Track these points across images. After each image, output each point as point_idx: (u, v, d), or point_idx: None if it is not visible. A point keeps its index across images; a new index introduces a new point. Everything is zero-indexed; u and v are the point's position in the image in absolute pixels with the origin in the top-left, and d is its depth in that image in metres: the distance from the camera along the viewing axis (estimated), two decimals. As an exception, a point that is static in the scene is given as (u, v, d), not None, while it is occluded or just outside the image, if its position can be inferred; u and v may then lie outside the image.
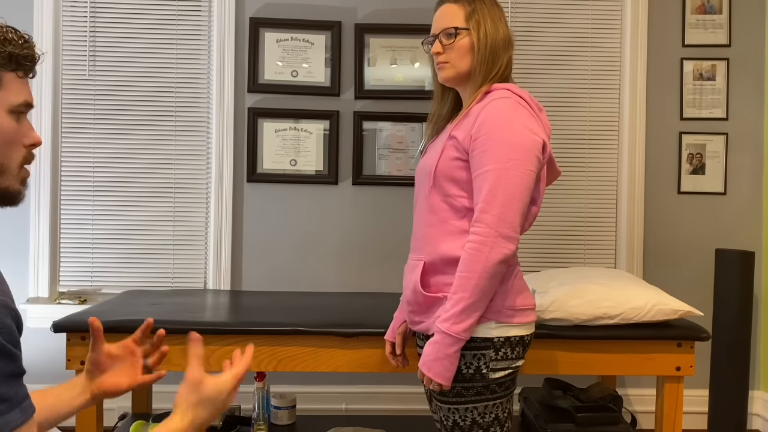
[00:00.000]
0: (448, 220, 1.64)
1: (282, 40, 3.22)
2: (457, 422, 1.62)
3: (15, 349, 0.94)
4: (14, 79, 1.06)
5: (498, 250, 1.52)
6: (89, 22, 3.19)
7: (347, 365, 2.14)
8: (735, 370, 3.01)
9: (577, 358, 2.16)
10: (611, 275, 2.42)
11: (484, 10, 1.67)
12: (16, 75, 1.06)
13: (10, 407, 0.93)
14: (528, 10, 3.28)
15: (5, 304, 0.93)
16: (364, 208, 3.26)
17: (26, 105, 1.08)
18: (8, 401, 0.93)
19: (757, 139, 3.32)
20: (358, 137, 3.22)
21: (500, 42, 1.67)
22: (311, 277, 3.26)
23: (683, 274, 3.32)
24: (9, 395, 0.93)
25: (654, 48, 3.29)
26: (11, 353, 0.93)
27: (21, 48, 1.05)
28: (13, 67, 1.05)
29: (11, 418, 0.92)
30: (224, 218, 3.21)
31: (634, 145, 3.28)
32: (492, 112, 1.57)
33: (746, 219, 3.32)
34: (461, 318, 1.53)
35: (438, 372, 1.55)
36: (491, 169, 1.54)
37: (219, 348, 2.12)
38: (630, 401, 3.29)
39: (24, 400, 0.96)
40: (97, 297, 3.20)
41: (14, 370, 0.94)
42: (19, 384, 0.95)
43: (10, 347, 0.92)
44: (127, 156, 3.21)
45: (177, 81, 3.22)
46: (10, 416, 0.92)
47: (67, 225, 3.20)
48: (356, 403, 3.25)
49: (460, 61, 1.67)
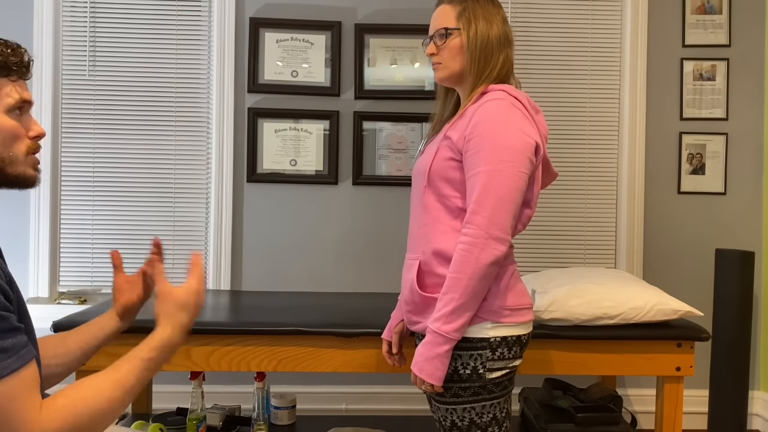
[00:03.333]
0: (442, 219, 1.64)
1: (282, 40, 3.22)
2: (455, 422, 1.62)
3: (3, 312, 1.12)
4: (7, 83, 1.22)
5: (488, 251, 1.52)
6: (89, 22, 3.19)
7: (347, 365, 2.14)
8: (735, 370, 3.01)
9: (577, 358, 2.16)
10: (611, 275, 2.42)
11: (476, 9, 1.66)
12: (8, 79, 1.22)
13: (7, 356, 1.11)
14: (528, 11, 3.28)
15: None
16: (364, 208, 3.26)
17: (23, 102, 1.24)
18: (5, 351, 1.11)
19: (757, 139, 3.32)
20: (358, 137, 3.22)
21: (493, 41, 1.66)
22: (311, 277, 3.26)
23: (683, 274, 3.32)
24: (5, 346, 1.11)
25: (654, 48, 3.29)
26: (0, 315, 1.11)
27: (7, 56, 1.21)
28: (4, 73, 1.21)
29: (7, 363, 1.10)
30: (224, 218, 3.21)
31: (634, 146, 3.28)
32: (485, 114, 1.57)
33: (746, 219, 3.32)
34: (451, 318, 1.53)
35: (429, 372, 1.55)
36: (483, 170, 1.54)
37: (219, 348, 2.12)
38: (630, 401, 3.29)
39: (22, 348, 1.14)
40: (97, 297, 3.21)
41: (6, 326, 1.12)
42: (13, 336, 1.13)
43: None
44: (127, 156, 3.22)
45: (177, 81, 3.23)
46: (8, 362, 1.10)
47: (67, 225, 3.20)
48: (356, 403, 3.25)
49: (452, 61, 1.68)
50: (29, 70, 1.26)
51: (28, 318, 1.25)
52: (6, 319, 1.13)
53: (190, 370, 2.19)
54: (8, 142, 1.22)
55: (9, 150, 1.23)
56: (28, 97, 1.25)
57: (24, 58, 1.24)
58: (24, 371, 1.13)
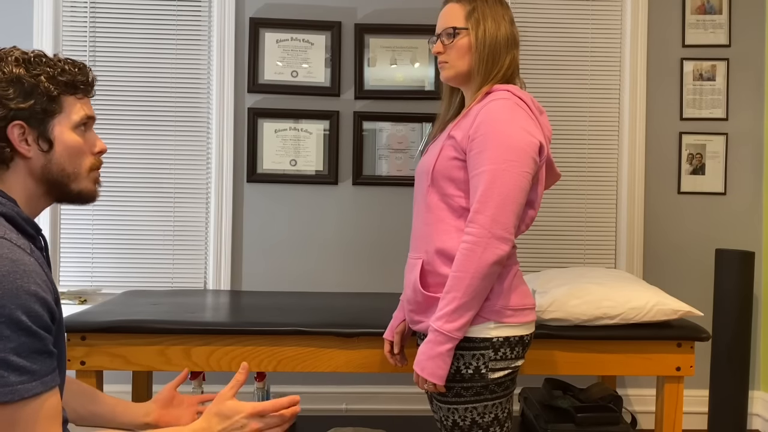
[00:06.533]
0: (446, 219, 1.64)
1: (282, 41, 3.22)
2: (456, 422, 1.62)
3: (42, 332, 1.10)
4: (74, 101, 1.27)
5: (491, 250, 1.52)
6: (89, 22, 3.19)
7: (347, 365, 2.14)
8: (735, 370, 3.01)
9: (577, 358, 2.16)
10: (611, 275, 2.42)
11: (485, 9, 1.66)
12: (75, 97, 1.28)
13: (32, 378, 1.08)
14: (528, 11, 3.28)
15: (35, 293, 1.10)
16: (364, 208, 3.26)
17: (87, 118, 1.30)
18: (31, 373, 1.08)
19: (757, 139, 3.32)
20: (358, 137, 3.22)
21: (501, 41, 1.66)
22: (311, 277, 3.26)
23: (683, 274, 3.32)
24: (33, 368, 1.09)
25: (654, 48, 3.29)
26: (36, 333, 1.09)
27: (75, 75, 1.27)
28: (71, 91, 1.27)
29: (31, 386, 1.08)
30: (224, 218, 3.21)
31: (634, 146, 3.28)
32: (490, 113, 1.57)
33: (746, 219, 3.32)
34: (454, 317, 1.53)
35: (431, 371, 1.55)
36: (487, 169, 1.54)
37: (219, 348, 2.12)
38: (630, 401, 3.29)
39: (47, 375, 1.11)
40: (97, 297, 3.21)
41: (40, 347, 1.10)
42: (43, 360, 1.11)
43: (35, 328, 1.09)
44: (127, 156, 3.21)
45: (177, 81, 3.22)
46: (31, 385, 1.08)
47: (67, 225, 3.20)
48: (356, 403, 3.25)
49: (459, 60, 1.67)
50: (93, 87, 1.32)
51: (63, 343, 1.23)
52: (42, 339, 1.11)
53: (190, 370, 2.18)
54: (74, 158, 1.28)
55: (74, 166, 1.28)
56: (92, 114, 1.31)
57: (89, 78, 1.30)
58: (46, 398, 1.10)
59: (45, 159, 1.24)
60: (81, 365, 2.09)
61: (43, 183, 1.26)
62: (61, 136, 1.25)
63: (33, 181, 1.25)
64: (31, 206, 1.27)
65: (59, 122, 1.25)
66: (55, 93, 1.24)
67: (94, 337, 2.10)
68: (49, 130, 1.24)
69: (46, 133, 1.24)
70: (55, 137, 1.25)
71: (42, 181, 1.26)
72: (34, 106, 1.22)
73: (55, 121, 1.25)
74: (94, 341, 2.10)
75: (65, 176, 1.27)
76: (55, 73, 1.24)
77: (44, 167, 1.25)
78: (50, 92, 1.23)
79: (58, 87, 1.24)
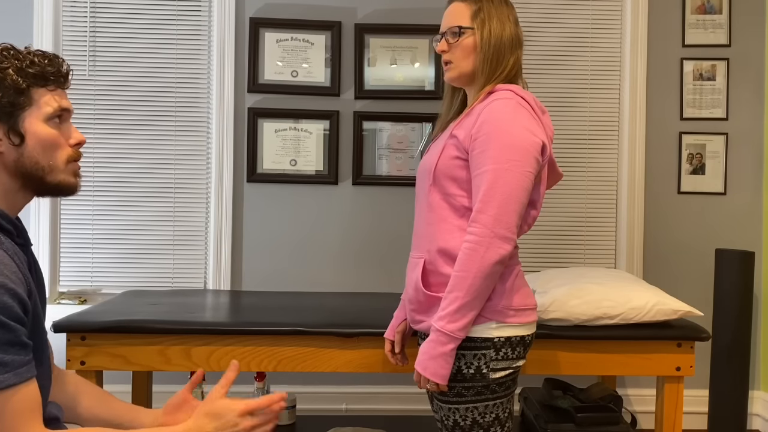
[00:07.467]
0: (448, 218, 1.64)
1: (282, 40, 3.22)
2: (457, 422, 1.62)
3: (13, 323, 1.11)
4: (45, 93, 1.25)
5: (494, 250, 1.52)
6: (89, 22, 3.19)
7: (347, 365, 2.14)
8: (735, 370, 3.01)
9: (577, 358, 2.16)
10: (611, 275, 2.42)
11: (491, 9, 1.66)
12: (46, 89, 1.25)
13: (5, 370, 1.09)
14: (528, 11, 3.28)
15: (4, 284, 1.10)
16: (364, 208, 3.26)
17: (62, 110, 1.27)
18: (3, 365, 1.09)
19: (757, 139, 3.32)
20: (358, 137, 3.22)
21: (506, 42, 1.66)
22: (311, 277, 3.25)
23: (683, 274, 3.32)
24: (5, 360, 1.10)
25: (654, 48, 3.29)
26: (6, 324, 1.10)
27: (44, 66, 1.24)
28: (41, 83, 1.24)
29: (3, 378, 1.09)
30: (224, 218, 3.21)
31: (634, 146, 3.28)
32: (493, 113, 1.57)
33: (746, 219, 3.32)
34: (456, 317, 1.53)
35: (434, 371, 1.55)
36: (489, 169, 1.54)
37: (219, 348, 2.12)
38: (630, 401, 3.29)
39: (21, 366, 1.12)
40: (97, 297, 3.21)
41: (11, 339, 1.11)
42: (16, 351, 1.11)
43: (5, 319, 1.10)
44: (127, 156, 3.21)
45: (177, 81, 3.22)
46: (3, 377, 1.09)
47: (67, 225, 3.20)
48: (356, 403, 3.25)
49: (464, 60, 1.67)
50: (67, 79, 1.29)
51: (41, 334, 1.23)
52: (14, 331, 1.11)
53: (190, 370, 2.19)
54: (48, 151, 1.25)
55: (49, 159, 1.26)
56: (67, 106, 1.28)
57: (61, 68, 1.28)
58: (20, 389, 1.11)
59: (17, 153, 1.23)
60: (81, 365, 2.09)
61: (18, 177, 1.24)
62: (32, 129, 1.23)
63: (7, 175, 1.24)
64: (8, 201, 1.26)
65: (30, 115, 1.23)
66: (24, 85, 1.22)
67: (94, 337, 2.10)
68: (20, 124, 1.22)
69: (17, 126, 1.22)
70: (26, 130, 1.23)
71: (17, 176, 1.24)
72: (2, 100, 1.20)
73: (26, 114, 1.23)
74: (94, 341, 2.10)
75: (39, 169, 1.25)
76: (23, 66, 1.22)
77: (17, 161, 1.23)
78: (18, 85, 1.21)
79: (26, 79, 1.22)
